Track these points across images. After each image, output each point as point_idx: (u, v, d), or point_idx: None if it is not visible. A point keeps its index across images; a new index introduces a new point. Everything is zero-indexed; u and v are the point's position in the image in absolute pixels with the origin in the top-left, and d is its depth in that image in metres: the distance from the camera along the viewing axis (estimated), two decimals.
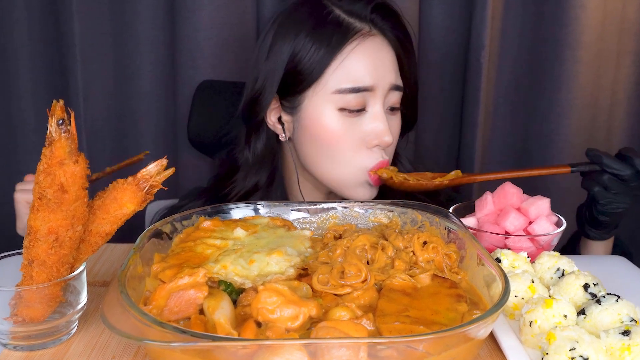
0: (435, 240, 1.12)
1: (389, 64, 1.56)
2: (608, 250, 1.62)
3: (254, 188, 1.66)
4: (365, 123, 1.53)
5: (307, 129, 1.56)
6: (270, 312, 0.91)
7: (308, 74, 1.53)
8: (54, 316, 1.05)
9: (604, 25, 2.17)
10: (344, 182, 1.57)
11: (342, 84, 1.51)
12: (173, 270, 1.02)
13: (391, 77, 1.55)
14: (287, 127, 1.62)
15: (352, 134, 1.53)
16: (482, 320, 0.86)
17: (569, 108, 2.20)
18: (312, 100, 1.54)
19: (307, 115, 1.56)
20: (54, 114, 0.94)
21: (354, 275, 1.01)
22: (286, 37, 1.55)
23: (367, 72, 1.52)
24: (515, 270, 1.20)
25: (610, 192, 1.45)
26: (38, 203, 0.97)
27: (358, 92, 1.51)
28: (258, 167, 1.66)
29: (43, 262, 0.99)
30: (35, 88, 2.27)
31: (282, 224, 1.24)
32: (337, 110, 1.52)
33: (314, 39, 1.52)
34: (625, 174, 1.43)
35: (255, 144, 1.66)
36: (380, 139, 1.53)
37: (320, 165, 1.58)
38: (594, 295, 1.11)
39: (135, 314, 0.86)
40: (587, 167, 1.47)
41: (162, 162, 1.03)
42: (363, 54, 1.52)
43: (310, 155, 1.59)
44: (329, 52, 1.52)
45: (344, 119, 1.52)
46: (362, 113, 1.54)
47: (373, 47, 1.54)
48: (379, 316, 0.93)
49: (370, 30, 1.55)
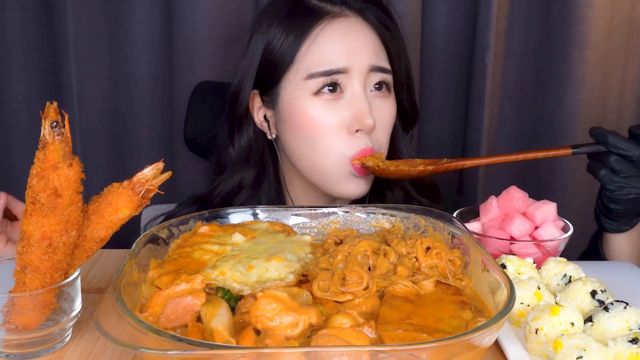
0: (439, 246, 1.12)
1: (366, 44, 1.54)
2: (635, 244, 1.52)
3: (238, 187, 1.66)
4: (344, 107, 1.51)
5: (285, 120, 1.57)
6: (270, 320, 0.91)
7: (280, 62, 1.54)
8: (47, 324, 1.05)
9: (612, 25, 2.18)
10: (328, 174, 1.55)
11: (313, 68, 1.51)
12: (170, 276, 1.02)
13: (369, 58, 1.53)
14: (272, 123, 1.63)
15: (331, 119, 1.51)
16: (486, 328, 0.86)
17: (576, 110, 2.20)
18: (287, 90, 1.55)
19: (285, 106, 1.56)
20: (48, 116, 0.95)
21: (355, 282, 1.01)
22: (261, 30, 1.57)
23: (339, 54, 1.51)
24: (520, 276, 1.20)
25: (620, 176, 1.36)
26: (31, 207, 0.97)
27: (330, 75, 1.50)
28: (242, 166, 1.66)
29: (36, 268, 1.00)
30: (28, 89, 2.27)
31: (282, 229, 1.24)
32: (312, 95, 1.51)
33: (284, 26, 1.54)
34: (634, 154, 1.34)
35: (239, 141, 1.66)
36: (361, 122, 1.49)
37: (302, 158, 1.57)
38: (601, 302, 1.11)
39: (130, 321, 0.86)
40: (591, 148, 1.38)
41: (158, 165, 1.03)
42: (333, 35, 1.52)
43: (293, 148, 1.58)
44: (298, 37, 1.52)
45: (321, 104, 1.51)
46: (341, 96, 1.52)
47: (345, 28, 1.53)
48: (381, 324, 0.93)
49: (342, 11, 1.55)
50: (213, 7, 2.12)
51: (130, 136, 2.30)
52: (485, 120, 2.22)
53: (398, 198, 1.71)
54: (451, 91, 2.28)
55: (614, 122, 2.28)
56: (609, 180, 1.37)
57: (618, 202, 1.41)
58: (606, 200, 1.42)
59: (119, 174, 2.31)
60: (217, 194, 1.68)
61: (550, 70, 2.21)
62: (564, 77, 2.19)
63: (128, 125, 2.29)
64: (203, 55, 2.15)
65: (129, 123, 2.29)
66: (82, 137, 2.27)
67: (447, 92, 2.28)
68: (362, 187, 1.56)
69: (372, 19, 1.57)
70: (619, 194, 1.38)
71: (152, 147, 2.30)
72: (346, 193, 1.56)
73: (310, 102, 1.51)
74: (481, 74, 2.18)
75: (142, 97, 2.26)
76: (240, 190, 1.67)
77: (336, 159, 1.53)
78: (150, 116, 2.28)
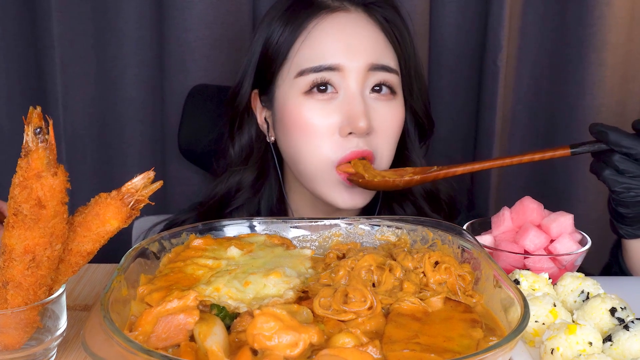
0: (448, 260, 1.12)
1: (366, 41, 1.53)
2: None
3: (236, 188, 1.66)
4: (337, 108, 1.50)
5: (279, 121, 1.57)
6: (268, 339, 0.91)
7: (275, 57, 1.55)
8: (30, 343, 1.05)
9: (632, 25, 2.18)
10: (316, 181, 1.54)
11: (303, 64, 1.51)
12: (161, 293, 1.02)
13: (370, 55, 1.51)
14: (271, 125, 1.63)
15: (321, 120, 1.50)
16: (499, 347, 0.86)
17: (594, 115, 2.20)
18: (280, 89, 1.56)
19: (278, 106, 1.57)
20: (31, 122, 0.95)
21: (358, 300, 1.01)
22: (262, 26, 1.59)
23: (332, 49, 1.50)
24: (535, 292, 1.20)
25: (625, 176, 1.33)
26: (13, 219, 0.97)
27: (320, 72, 1.49)
28: (241, 166, 1.67)
29: (19, 284, 1.00)
30: (11, 93, 2.27)
31: (280, 242, 1.24)
32: (303, 94, 1.51)
33: (283, 21, 1.55)
34: (638, 152, 1.31)
35: (239, 141, 1.67)
36: (353, 124, 1.47)
37: (293, 161, 1.58)
38: (621, 320, 1.11)
39: (119, 340, 0.87)
40: (591, 147, 1.35)
41: (148, 174, 1.03)
42: (329, 30, 1.52)
43: (287, 150, 1.59)
44: (293, 31, 1.53)
45: (312, 105, 1.50)
46: (334, 97, 1.51)
47: (342, 23, 1.53)
48: (386, 343, 0.93)
49: (341, 5, 1.55)
50: (207, 6, 2.13)
51: (119, 143, 2.30)
52: (497, 126, 2.22)
53: (409, 213, 1.69)
54: (461, 94, 2.29)
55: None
56: (613, 182, 1.35)
57: (627, 205, 1.38)
58: (614, 203, 1.40)
59: (107, 183, 2.32)
60: (212, 195, 1.68)
61: (566, 73, 2.22)
62: (580, 80, 2.19)
63: (116, 131, 2.29)
64: (196, 57, 2.16)
65: (118, 129, 2.29)
66: (68, 144, 2.27)
67: (456, 95, 2.29)
68: (357, 199, 1.55)
69: (377, 16, 1.57)
70: (627, 196, 1.36)
71: (142, 155, 2.31)
72: (340, 204, 1.54)
73: (301, 101, 1.51)
74: (493, 77, 2.18)
75: (131, 102, 2.26)
76: (237, 192, 1.67)
77: (320, 164, 1.52)
78: (140, 122, 2.28)
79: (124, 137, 2.29)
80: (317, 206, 1.67)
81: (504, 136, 2.30)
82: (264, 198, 1.68)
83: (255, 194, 1.68)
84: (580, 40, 2.16)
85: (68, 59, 2.20)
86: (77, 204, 1.07)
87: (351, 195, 1.53)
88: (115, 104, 2.27)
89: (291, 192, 1.70)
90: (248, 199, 1.67)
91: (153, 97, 2.26)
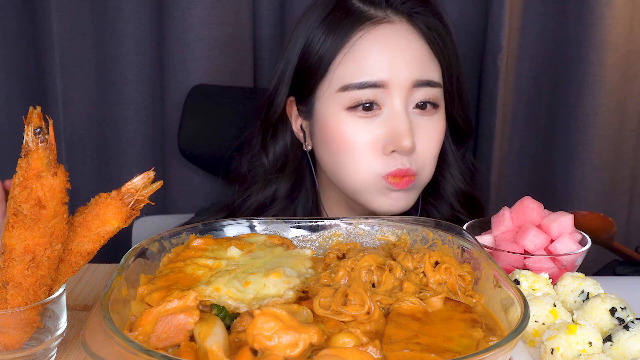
0: (448, 261, 1.12)
1: (412, 55, 1.49)
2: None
3: (272, 199, 1.64)
4: (380, 124, 1.48)
5: (318, 134, 1.55)
6: (268, 339, 0.91)
7: (316, 69, 1.51)
8: (30, 343, 1.05)
9: (632, 25, 2.18)
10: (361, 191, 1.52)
11: (347, 79, 1.47)
12: (161, 293, 1.02)
13: (414, 70, 1.48)
14: (308, 134, 1.61)
15: (364, 136, 1.48)
16: (499, 347, 0.86)
17: (594, 115, 2.20)
18: (320, 102, 1.53)
19: (318, 119, 1.54)
20: (31, 122, 0.95)
21: (357, 304, 1.01)
22: (300, 30, 1.55)
23: (378, 65, 1.46)
24: (535, 292, 1.20)
25: None
26: (13, 219, 0.97)
27: (366, 89, 1.46)
28: (276, 176, 1.64)
29: (18, 284, 1.00)
30: (10, 93, 2.27)
31: (280, 242, 1.24)
32: (345, 110, 1.48)
33: (323, 29, 1.51)
34: None
35: (274, 149, 1.63)
36: (397, 143, 1.45)
37: (334, 174, 1.55)
38: (621, 320, 1.11)
39: (119, 340, 0.87)
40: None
41: (148, 174, 1.03)
42: (373, 44, 1.48)
43: (324, 162, 1.57)
44: (335, 42, 1.49)
45: (354, 120, 1.48)
46: (378, 113, 1.48)
47: (387, 36, 1.49)
48: (386, 343, 0.93)
49: (386, 16, 1.50)
50: (208, 5, 2.12)
51: (119, 143, 2.30)
52: (497, 126, 2.22)
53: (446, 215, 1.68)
54: None
55: (634, 129, 2.28)
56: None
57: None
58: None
59: (107, 183, 2.32)
60: (248, 206, 1.65)
61: (566, 72, 2.22)
62: (581, 80, 2.19)
63: (116, 131, 2.29)
64: (196, 57, 2.15)
65: (118, 129, 2.29)
66: (68, 144, 2.27)
67: None
68: (401, 201, 1.52)
69: (421, 25, 1.52)
70: None
71: (142, 155, 2.31)
72: (384, 208, 1.52)
73: (343, 117, 1.48)
74: (493, 77, 2.18)
75: (131, 102, 2.26)
76: (273, 202, 1.64)
77: (369, 176, 1.49)
78: (140, 122, 2.28)
79: (123, 137, 2.29)
80: (354, 209, 1.65)
81: (504, 136, 2.29)
82: (299, 205, 1.66)
83: (292, 202, 1.65)
84: (580, 40, 2.16)
85: (68, 59, 2.20)
86: (77, 204, 1.07)
87: (396, 199, 1.51)
88: (115, 104, 2.27)
89: (325, 196, 1.68)
90: (284, 207, 1.64)
91: (153, 97, 2.26)
